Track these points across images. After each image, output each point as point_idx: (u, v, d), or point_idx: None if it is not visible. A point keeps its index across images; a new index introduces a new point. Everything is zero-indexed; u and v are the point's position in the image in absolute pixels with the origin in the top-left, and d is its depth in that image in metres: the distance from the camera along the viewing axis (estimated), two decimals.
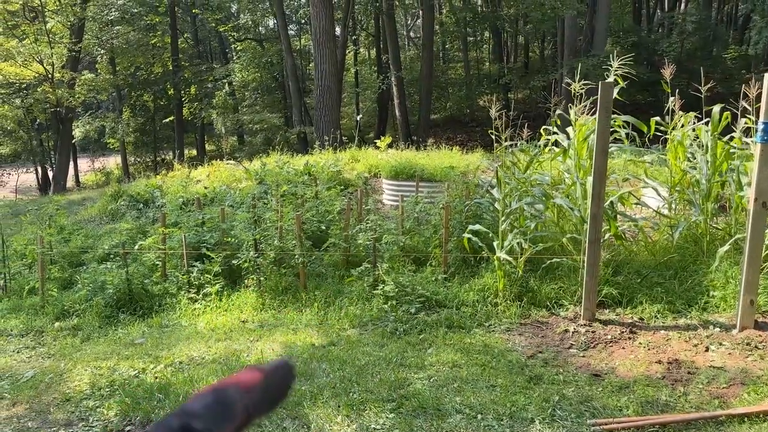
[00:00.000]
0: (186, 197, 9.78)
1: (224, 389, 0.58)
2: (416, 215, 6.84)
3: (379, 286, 5.72)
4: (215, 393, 0.58)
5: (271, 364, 0.64)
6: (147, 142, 27.96)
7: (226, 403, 0.57)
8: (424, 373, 4.31)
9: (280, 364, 0.65)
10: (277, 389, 0.63)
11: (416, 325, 5.16)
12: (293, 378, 0.67)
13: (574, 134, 6.62)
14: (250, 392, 0.59)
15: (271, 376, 0.62)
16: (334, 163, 11.00)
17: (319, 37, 16.45)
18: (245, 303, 6.23)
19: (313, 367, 4.56)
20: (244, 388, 0.59)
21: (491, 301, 5.36)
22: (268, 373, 0.62)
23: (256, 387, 0.60)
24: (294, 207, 7.69)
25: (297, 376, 4.49)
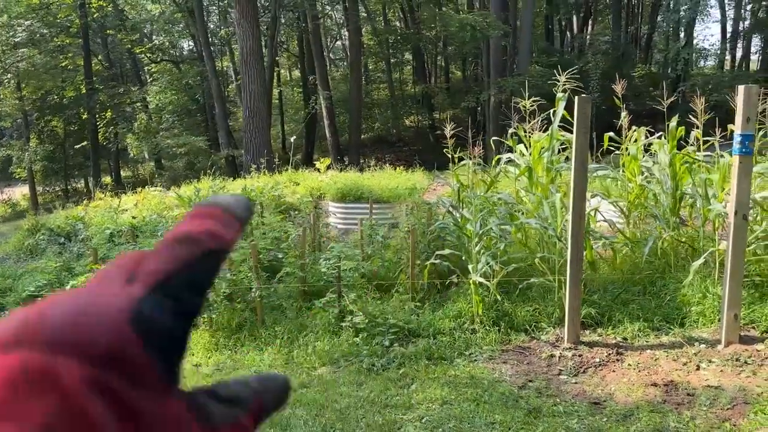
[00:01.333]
0: (114, 228, 9.00)
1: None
2: (381, 240, 6.51)
3: (347, 318, 5.33)
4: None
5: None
6: (57, 170, 26.22)
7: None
8: (413, 414, 3.97)
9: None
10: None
11: (393, 359, 4.81)
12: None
13: (529, 151, 6.55)
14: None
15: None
16: (274, 186, 10.52)
17: (247, 58, 15.94)
18: (196, 344, 5.67)
19: (288, 415, 4.12)
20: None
21: (468, 327, 5.10)
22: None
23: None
24: (242, 235, 7.18)
25: (266, 425, 4.04)
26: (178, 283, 0.35)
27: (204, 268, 0.37)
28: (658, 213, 5.79)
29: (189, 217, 0.40)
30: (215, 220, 0.39)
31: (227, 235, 0.39)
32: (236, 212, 0.42)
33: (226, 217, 0.40)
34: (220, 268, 0.39)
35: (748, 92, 4.01)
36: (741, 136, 4.12)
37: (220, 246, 0.39)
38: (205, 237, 0.38)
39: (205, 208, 0.41)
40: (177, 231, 0.39)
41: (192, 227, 0.39)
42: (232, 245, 0.40)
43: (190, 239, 0.38)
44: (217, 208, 0.41)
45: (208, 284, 0.38)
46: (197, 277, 0.37)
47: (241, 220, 0.42)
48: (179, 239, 0.38)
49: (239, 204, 0.43)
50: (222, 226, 0.39)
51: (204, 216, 0.40)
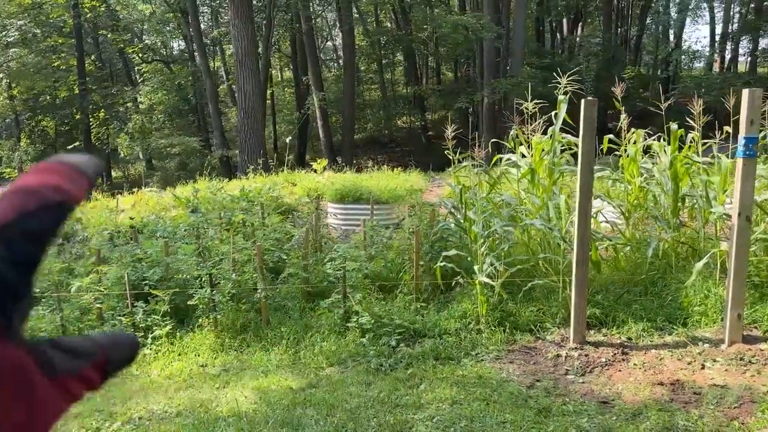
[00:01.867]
0: (113, 230, 8.97)
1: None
2: (384, 241, 6.54)
3: (353, 318, 5.36)
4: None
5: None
6: None
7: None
8: (423, 413, 4.00)
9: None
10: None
11: (401, 359, 4.85)
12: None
13: (530, 153, 6.61)
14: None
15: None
16: (272, 187, 10.52)
17: (242, 58, 15.91)
18: (201, 345, 5.68)
19: (298, 415, 4.15)
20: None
21: (474, 328, 5.15)
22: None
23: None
24: (244, 236, 7.19)
25: (278, 425, 4.06)
26: (13, 232, 0.36)
27: (43, 219, 0.38)
28: (658, 214, 5.86)
29: (33, 171, 0.41)
30: (60, 175, 0.40)
31: (72, 190, 0.40)
32: (83, 169, 0.42)
33: (72, 173, 0.41)
34: (64, 220, 0.40)
35: (752, 95, 4.08)
36: (745, 138, 4.19)
37: (63, 199, 0.39)
38: (46, 189, 0.39)
39: (51, 163, 0.41)
40: (17, 183, 0.39)
41: (33, 180, 0.39)
42: (77, 200, 0.41)
43: (28, 190, 0.38)
44: (64, 164, 0.41)
45: (47, 235, 0.38)
46: (34, 227, 0.37)
47: (89, 178, 0.43)
48: (17, 191, 0.38)
49: (87, 162, 0.44)
50: (67, 180, 0.40)
51: (49, 171, 0.40)
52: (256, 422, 4.10)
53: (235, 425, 4.09)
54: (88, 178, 0.42)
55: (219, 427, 4.11)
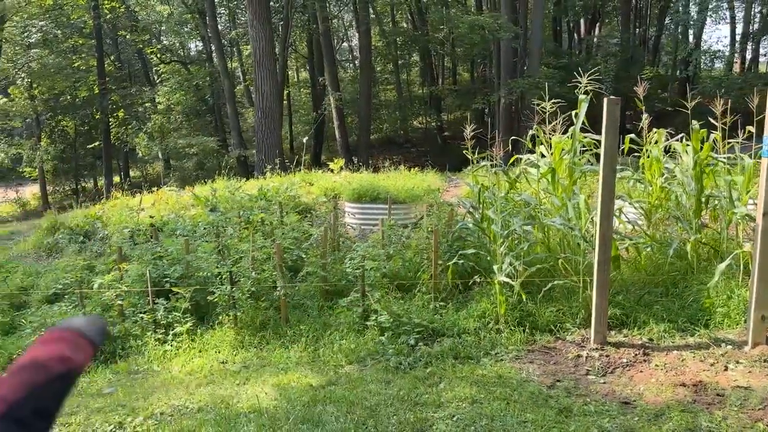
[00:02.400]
0: (133, 228, 9.07)
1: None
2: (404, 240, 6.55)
3: (372, 317, 5.38)
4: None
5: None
6: (67, 169, 26.34)
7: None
8: (444, 412, 4.01)
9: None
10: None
11: (420, 358, 4.86)
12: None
13: (550, 153, 6.59)
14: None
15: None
16: (289, 186, 10.58)
17: (260, 59, 16.01)
18: (221, 342, 5.73)
19: (318, 411, 4.17)
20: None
21: (493, 327, 5.14)
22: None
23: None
24: (263, 234, 7.24)
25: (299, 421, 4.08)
26: (26, 411, 0.38)
27: (51, 394, 0.40)
28: (680, 215, 5.81)
29: (40, 341, 0.43)
30: (66, 344, 0.42)
31: (77, 359, 0.43)
32: (89, 335, 0.45)
33: (77, 341, 0.43)
34: (70, 389, 0.42)
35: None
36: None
37: (69, 369, 0.41)
38: (53, 362, 0.41)
39: (57, 332, 0.44)
40: (25, 357, 0.41)
41: (40, 352, 0.42)
42: (82, 368, 0.43)
43: (36, 365, 0.40)
44: (69, 332, 0.44)
45: (55, 409, 0.40)
46: (44, 404, 0.39)
47: (94, 343, 0.45)
48: (26, 366, 0.41)
49: (92, 327, 0.46)
50: (72, 349, 0.42)
51: (54, 340, 0.43)
52: (276, 418, 4.12)
53: (256, 421, 4.12)
54: (94, 343, 0.44)
55: (240, 422, 4.15)
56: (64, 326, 0.45)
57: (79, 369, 0.43)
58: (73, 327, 0.45)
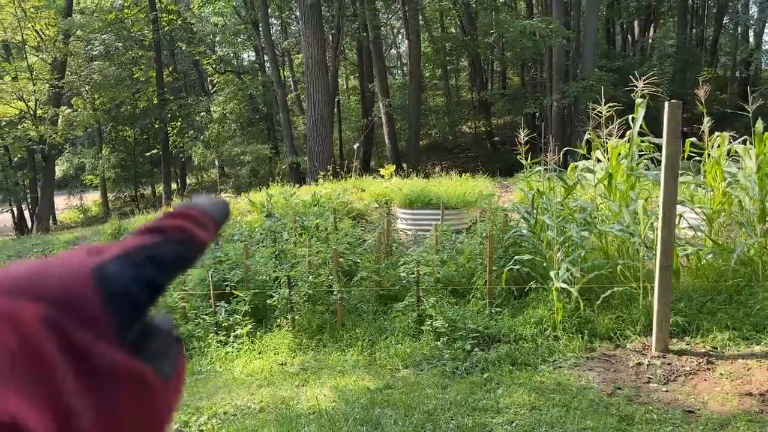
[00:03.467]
0: None
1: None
2: (458, 245, 6.58)
3: (427, 322, 5.42)
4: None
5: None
6: (127, 177, 27.35)
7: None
8: (502, 417, 4.02)
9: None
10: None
11: (476, 363, 4.88)
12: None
13: (606, 158, 6.50)
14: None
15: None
16: (342, 193, 10.73)
17: (312, 68, 16.30)
18: (280, 344, 5.87)
19: (377, 414, 4.24)
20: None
21: (550, 334, 5.11)
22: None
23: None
24: (318, 240, 7.38)
25: (358, 423, 4.16)
26: (140, 256, 0.39)
27: (167, 251, 0.41)
28: (743, 220, 5.65)
29: (164, 215, 0.44)
30: (187, 219, 0.43)
31: (198, 233, 0.43)
32: (211, 214, 0.45)
33: (200, 217, 0.44)
34: (189, 261, 0.42)
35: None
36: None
37: (188, 239, 0.42)
38: (170, 229, 0.42)
39: (182, 208, 0.45)
40: (148, 224, 0.42)
41: (163, 222, 0.43)
42: (204, 245, 0.44)
43: (156, 229, 0.42)
44: (193, 209, 0.45)
45: (171, 264, 0.41)
46: (158, 254, 0.40)
47: (216, 222, 0.46)
48: (146, 229, 0.42)
49: (216, 207, 0.47)
50: (194, 224, 0.43)
51: (178, 215, 0.44)
52: (336, 419, 4.22)
53: (317, 422, 4.22)
54: (216, 222, 0.46)
55: (300, 423, 4.25)
56: (189, 203, 0.46)
57: (200, 245, 0.44)
58: (197, 205, 0.46)
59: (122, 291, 0.37)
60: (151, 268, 0.39)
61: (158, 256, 0.40)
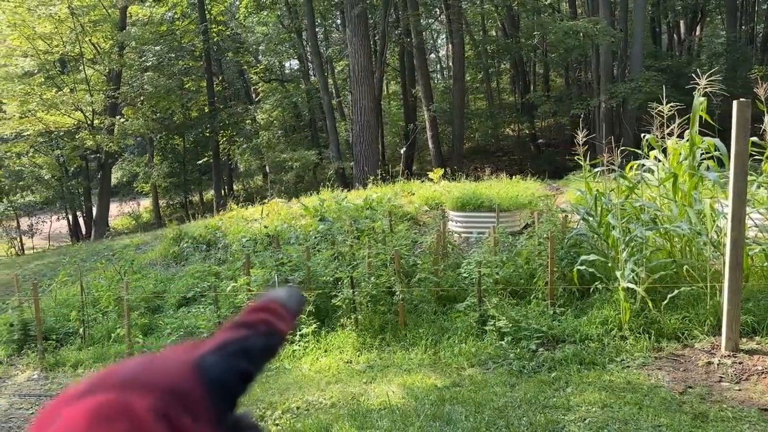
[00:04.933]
0: (250, 237, 9.66)
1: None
2: (519, 246, 6.63)
3: (490, 322, 5.50)
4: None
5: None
6: (177, 184, 28.10)
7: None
8: (574, 415, 4.06)
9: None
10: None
11: (543, 363, 4.93)
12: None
13: (668, 158, 6.47)
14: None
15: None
16: (393, 196, 10.87)
17: (358, 74, 16.52)
18: (344, 343, 6.03)
19: (448, 411, 4.33)
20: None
21: (617, 334, 5.12)
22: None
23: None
24: (375, 242, 7.52)
25: (429, 418, 4.26)
26: (233, 348, 0.45)
27: (255, 343, 0.46)
28: None
29: (248, 309, 0.49)
30: (270, 313, 0.49)
31: (280, 326, 0.48)
32: (289, 306, 0.51)
33: (280, 310, 0.50)
34: (274, 351, 0.47)
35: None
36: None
37: (272, 332, 0.48)
38: (256, 323, 0.47)
39: (263, 302, 0.50)
40: (236, 320, 0.48)
41: (248, 317, 0.48)
42: (284, 334, 0.49)
43: (245, 324, 0.47)
44: (274, 303, 0.50)
45: (260, 355, 0.46)
46: (249, 347, 0.45)
47: (293, 313, 0.51)
48: (237, 324, 0.47)
49: (292, 298, 0.52)
50: (275, 317, 0.49)
51: (261, 309, 0.49)
52: (407, 415, 4.33)
53: (389, 417, 4.34)
54: (293, 313, 0.52)
55: (372, 418, 4.38)
56: (268, 297, 0.51)
57: (281, 335, 0.48)
58: (276, 298, 0.51)
59: (220, 380, 0.42)
60: (243, 359, 0.45)
61: (248, 348, 0.46)
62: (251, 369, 0.45)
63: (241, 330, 0.47)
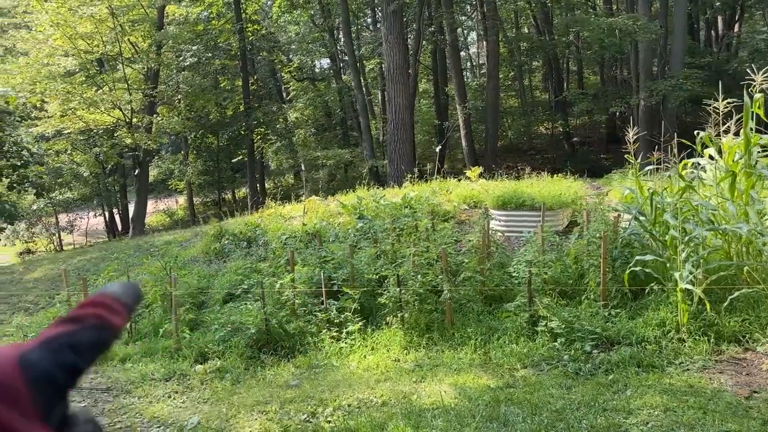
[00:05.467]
0: (289, 234, 9.69)
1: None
2: (570, 245, 6.52)
3: (541, 323, 5.41)
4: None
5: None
6: (211, 182, 28.43)
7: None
8: (636, 418, 3.96)
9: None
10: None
11: (599, 365, 4.83)
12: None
13: (723, 156, 6.29)
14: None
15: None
16: (431, 195, 10.80)
17: (393, 72, 16.48)
18: (391, 341, 6.00)
19: (504, 412, 4.27)
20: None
21: (674, 336, 4.99)
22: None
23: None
24: (415, 240, 7.48)
25: (485, 419, 4.19)
26: (59, 343, 0.45)
27: (84, 338, 0.47)
28: None
29: (79, 305, 0.50)
30: (101, 307, 0.50)
31: (112, 320, 0.50)
32: (123, 300, 0.52)
33: (113, 304, 0.51)
34: (105, 344, 0.49)
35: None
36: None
37: (101, 324, 0.48)
38: (88, 317, 0.48)
39: (95, 297, 0.50)
40: (65, 315, 0.48)
41: (78, 312, 0.49)
42: (118, 329, 0.50)
43: (73, 319, 0.48)
44: (106, 297, 0.51)
45: (88, 349, 0.47)
46: (76, 341, 0.46)
47: (128, 307, 0.53)
48: (65, 320, 0.48)
49: (127, 292, 0.53)
50: (108, 312, 0.50)
51: (92, 304, 0.50)
52: (462, 416, 4.27)
53: (443, 417, 4.29)
54: (127, 307, 0.53)
55: (426, 417, 4.33)
56: (102, 292, 0.52)
57: (114, 329, 0.50)
58: (110, 292, 0.52)
59: (44, 374, 0.43)
60: (70, 353, 0.46)
61: (76, 343, 0.47)
62: (79, 362, 0.46)
63: (69, 325, 0.48)
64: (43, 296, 10.46)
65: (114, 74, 20.76)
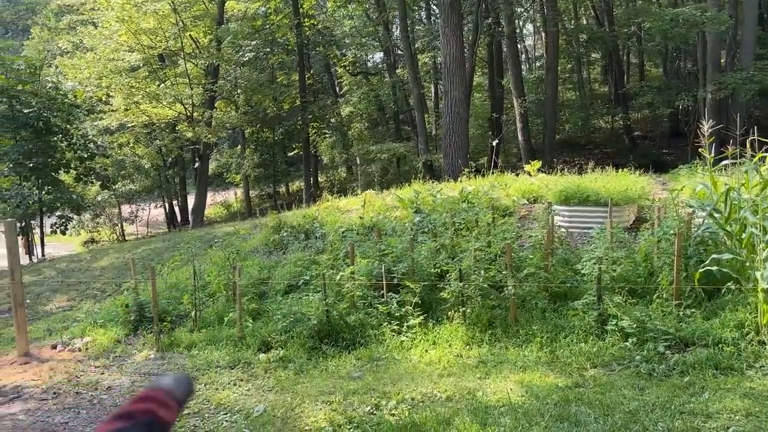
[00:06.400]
0: (346, 227, 9.74)
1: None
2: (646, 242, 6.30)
3: (611, 321, 5.25)
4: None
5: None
6: (267, 176, 28.93)
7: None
8: (715, 423, 3.79)
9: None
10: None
11: (674, 366, 4.65)
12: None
13: None
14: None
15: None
16: (489, 189, 10.65)
17: (449, 65, 16.32)
18: (452, 336, 5.94)
19: (574, 412, 4.16)
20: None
21: (754, 339, 4.76)
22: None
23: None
24: (477, 235, 7.38)
25: (555, 419, 4.09)
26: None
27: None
28: None
29: (132, 400, 0.51)
30: (153, 402, 0.51)
31: (164, 415, 0.51)
32: (175, 394, 0.53)
33: (164, 399, 0.52)
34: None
35: None
36: None
37: (153, 420, 0.49)
38: (139, 413, 0.49)
39: (147, 391, 0.52)
40: (118, 410, 0.49)
41: (131, 408, 0.50)
42: (169, 424, 0.51)
43: (125, 415, 0.49)
44: (158, 391, 0.52)
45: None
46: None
47: (179, 401, 0.54)
48: (118, 415, 0.49)
49: (179, 385, 0.54)
50: (159, 407, 0.51)
51: (144, 399, 0.52)
52: (531, 414, 4.18)
53: (511, 415, 4.21)
54: (179, 402, 0.54)
55: (493, 415, 4.27)
56: (154, 386, 0.54)
57: (164, 424, 0.51)
58: (162, 386, 0.54)
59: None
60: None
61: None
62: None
63: (122, 421, 0.50)
64: (109, 284, 10.84)
65: (176, 69, 21.35)
